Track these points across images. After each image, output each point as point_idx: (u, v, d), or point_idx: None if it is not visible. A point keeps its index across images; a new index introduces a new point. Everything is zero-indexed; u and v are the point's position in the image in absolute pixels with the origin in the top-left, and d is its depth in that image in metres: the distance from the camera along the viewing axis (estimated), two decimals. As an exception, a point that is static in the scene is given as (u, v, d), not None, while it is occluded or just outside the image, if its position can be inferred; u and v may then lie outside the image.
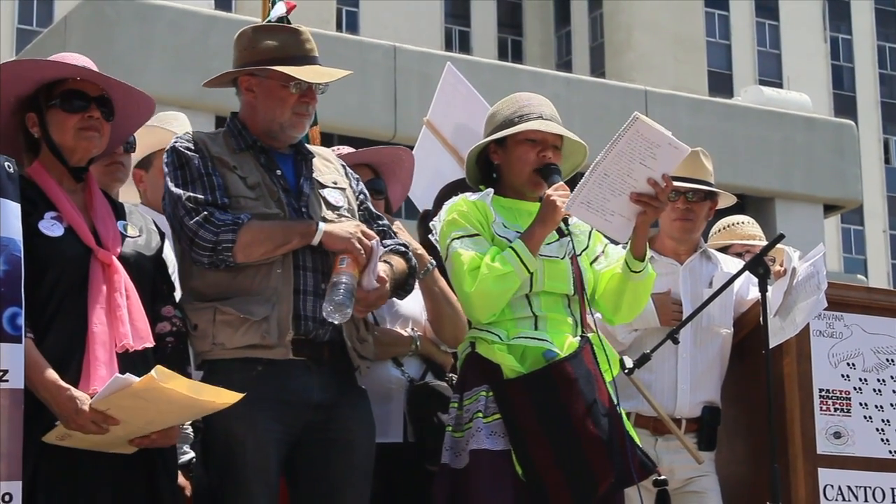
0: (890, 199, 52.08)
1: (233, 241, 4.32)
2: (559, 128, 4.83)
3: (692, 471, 5.58)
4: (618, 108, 29.94)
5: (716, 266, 5.83)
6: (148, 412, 3.95)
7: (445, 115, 6.03)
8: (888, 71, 53.66)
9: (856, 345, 5.74)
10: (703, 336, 5.68)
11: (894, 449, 5.71)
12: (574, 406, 4.50)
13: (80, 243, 4.10)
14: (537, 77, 29.74)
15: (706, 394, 5.67)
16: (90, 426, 3.89)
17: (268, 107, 4.56)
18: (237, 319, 4.35)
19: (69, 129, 4.20)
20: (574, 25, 51.43)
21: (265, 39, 4.60)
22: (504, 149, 4.85)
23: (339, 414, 4.47)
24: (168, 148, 4.53)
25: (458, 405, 4.68)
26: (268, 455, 4.34)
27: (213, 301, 4.39)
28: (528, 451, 4.51)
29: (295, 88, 4.53)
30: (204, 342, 4.40)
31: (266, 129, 4.57)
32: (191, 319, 4.42)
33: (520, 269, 4.59)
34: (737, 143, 30.47)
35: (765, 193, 30.38)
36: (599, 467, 4.49)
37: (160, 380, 3.81)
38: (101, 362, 3.98)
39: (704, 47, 49.33)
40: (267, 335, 4.34)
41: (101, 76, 4.26)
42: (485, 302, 4.62)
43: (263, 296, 4.37)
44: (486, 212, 4.75)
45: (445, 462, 4.64)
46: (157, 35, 24.42)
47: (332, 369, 4.48)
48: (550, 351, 4.62)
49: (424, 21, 47.79)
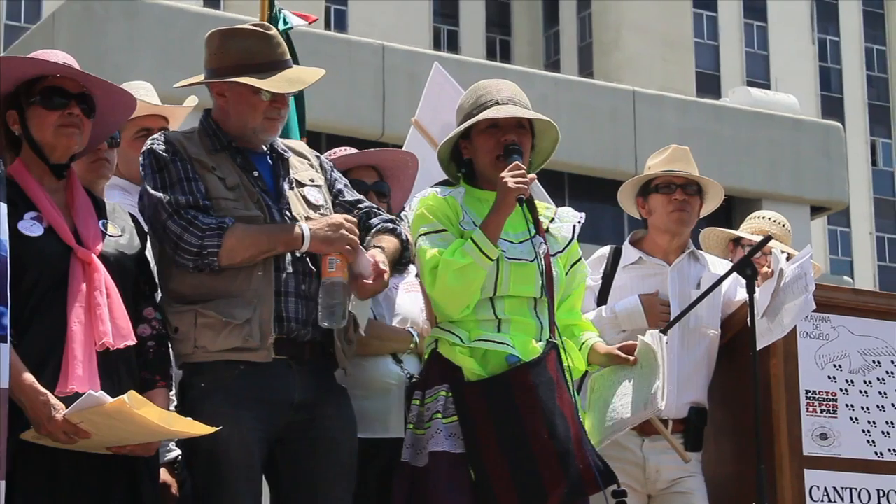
0: (876, 200, 52.18)
1: (218, 245, 4.31)
2: (515, 109, 4.73)
3: (678, 471, 5.58)
4: (606, 109, 29.97)
5: (704, 267, 5.83)
6: (119, 431, 3.95)
7: (433, 115, 6.03)
8: (875, 73, 53.76)
9: (842, 346, 5.74)
10: (691, 337, 5.69)
11: (880, 450, 5.72)
12: (531, 414, 4.45)
13: (59, 242, 4.09)
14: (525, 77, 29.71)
15: (693, 394, 5.67)
16: (60, 436, 3.89)
17: (239, 112, 4.53)
18: (219, 322, 4.33)
19: (49, 126, 4.18)
20: (562, 25, 51.45)
21: (234, 45, 4.54)
22: (470, 141, 4.80)
23: (321, 413, 4.47)
24: (144, 150, 4.50)
25: (420, 402, 4.65)
26: (252, 454, 4.34)
27: (194, 304, 4.37)
28: (481, 456, 4.47)
29: (266, 95, 4.49)
30: (185, 345, 4.38)
31: (239, 132, 4.55)
32: (171, 322, 4.40)
33: (480, 259, 4.52)
34: (724, 143, 30.50)
35: (752, 194, 30.39)
36: (550, 477, 4.43)
37: (132, 405, 3.80)
38: (79, 361, 3.96)
39: (692, 48, 49.40)
40: (249, 338, 4.33)
41: (82, 73, 4.24)
42: (448, 298, 4.58)
43: (244, 298, 4.36)
44: (455, 208, 4.69)
45: (406, 460, 4.61)
46: (145, 32, 24.39)
47: (313, 368, 4.48)
48: (513, 356, 4.56)
49: (413, 20, 47.78)
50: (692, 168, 5.81)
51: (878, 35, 54.08)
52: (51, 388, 3.92)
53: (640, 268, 5.80)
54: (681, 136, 24.99)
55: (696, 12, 50.04)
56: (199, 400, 4.35)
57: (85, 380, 3.93)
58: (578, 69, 48.29)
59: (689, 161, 5.82)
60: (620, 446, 5.51)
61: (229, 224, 4.34)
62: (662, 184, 5.78)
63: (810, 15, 52.62)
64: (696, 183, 5.79)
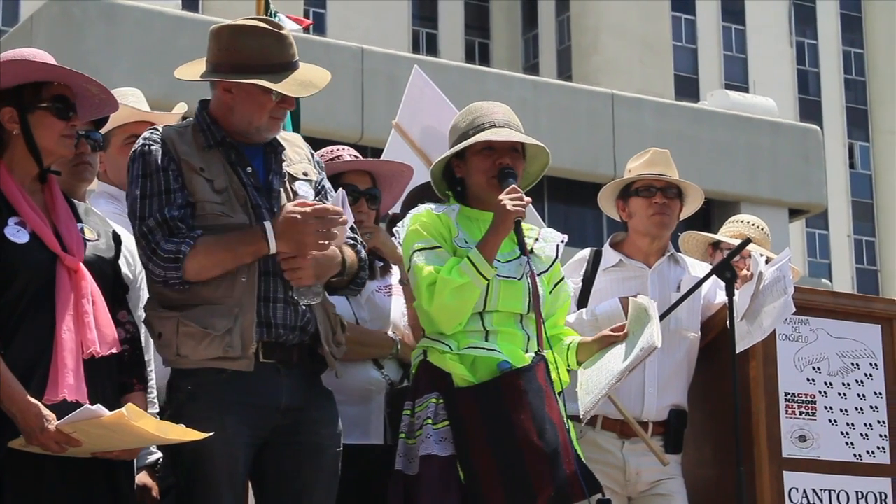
0: (854, 203, 52.35)
1: (178, 276, 4.29)
2: (512, 133, 4.78)
3: (658, 474, 5.59)
4: (584, 112, 30.01)
5: (684, 270, 5.84)
6: (112, 440, 3.95)
7: (413, 118, 6.03)
8: (853, 76, 53.94)
9: (821, 349, 5.76)
10: (671, 340, 5.69)
11: (859, 452, 5.74)
12: (521, 418, 4.48)
13: (45, 250, 4.06)
14: (504, 80, 29.76)
15: (673, 397, 5.68)
16: (52, 445, 3.88)
17: (245, 110, 4.47)
18: (199, 332, 4.31)
19: (55, 134, 4.15)
20: (541, 28, 51.50)
21: (247, 43, 4.46)
22: (464, 161, 4.82)
23: (307, 417, 4.46)
24: (135, 149, 4.46)
25: (410, 412, 4.67)
26: (236, 458, 4.33)
27: (177, 310, 4.34)
28: (472, 458, 4.49)
29: (276, 96, 4.46)
30: (168, 351, 4.37)
31: (240, 129, 4.49)
32: (155, 327, 4.38)
33: (476, 279, 4.56)
34: (703, 146, 30.57)
35: (730, 197, 30.48)
36: (539, 480, 4.45)
37: (130, 418, 3.81)
38: (69, 369, 3.95)
39: (671, 51, 49.48)
40: (230, 349, 4.30)
41: (88, 78, 4.21)
42: (445, 315, 4.60)
43: (226, 306, 4.33)
44: (449, 225, 4.72)
45: (399, 468, 4.63)
46: (123, 35, 24.34)
47: (301, 372, 4.47)
48: (505, 362, 4.59)
49: (392, 23, 47.77)
50: (672, 171, 5.82)
51: (855, 38, 54.26)
52: (38, 395, 3.91)
53: (620, 270, 5.81)
54: (659, 139, 25.02)
55: (675, 15, 50.12)
56: (184, 403, 4.33)
57: (74, 387, 3.92)
58: (557, 72, 48.34)
59: (670, 164, 5.83)
60: (601, 448, 5.52)
61: (186, 251, 4.28)
62: (642, 187, 5.79)
63: (788, 18, 52.76)
64: (676, 186, 5.80)
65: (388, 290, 5.25)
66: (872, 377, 5.84)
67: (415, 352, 4.82)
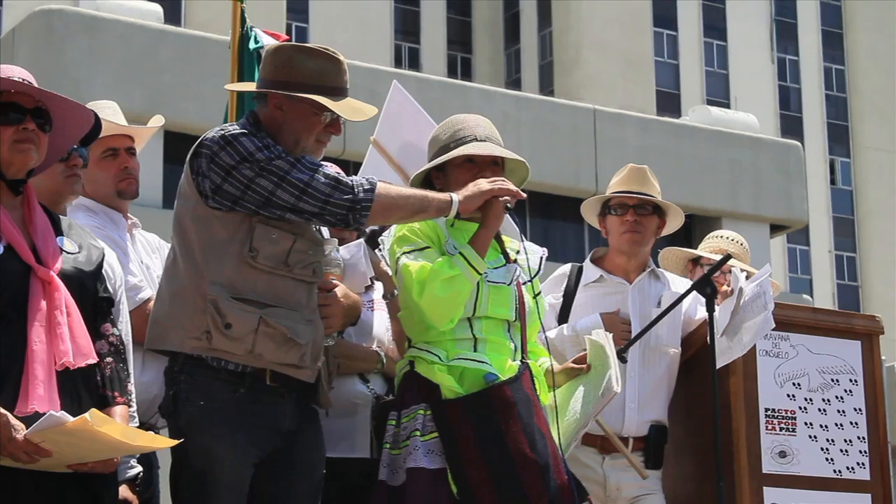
0: (835, 219, 52.45)
1: (370, 200, 4.35)
2: (493, 148, 4.80)
3: (639, 489, 5.59)
4: (566, 127, 30.01)
5: (664, 286, 5.85)
6: (81, 448, 3.92)
7: (391, 133, 6.01)
8: (834, 92, 54.08)
9: (801, 365, 5.78)
10: (651, 355, 5.70)
11: (839, 468, 5.75)
12: (512, 429, 4.50)
13: (19, 261, 4.04)
14: (486, 94, 29.75)
15: (654, 413, 5.69)
16: (22, 456, 3.85)
17: (294, 129, 4.51)
18: (283, 338, 4.34)
19: (5, 142, 4.12)
20: (523, 44, 51.55)
21: (308, 63, 4.51)
22: (444, 174, 4.84)
23: (300, 438, 4.51)
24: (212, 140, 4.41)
25: (395, 423, 4.67)
26: (242, 476, 4.36)
27: (254, 304, 4.33)
28: (464, 469, 4.50)
29: (326, 118, 4.51)
30: (237, 345, 4.33)
31: (286, 148, 4.48)
32: (224, 316, 4.33)
33: (468, 272, 4.57)
34: (684, 162, 30.59)
35: (712, 213, 30.48)
36: (533, 489, 4.47)
37: (94, 423, 3.77)
38: (40, 381, 3.92)
39: (653, 67, 49.58)
40: (305, 357, 4.38)
41: (37, 89, 4.19)
42: (436, 309, 4.59)
43: (303, 315, 4.40)
44: (437, 231, 4.74)
45: (383, 479, 4.63)
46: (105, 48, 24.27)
47: (298, 396, 4.51)
48: (491, 374, 4.60)
49: (374, 37, 47.78)
50: (649, 187, 5.82)
51: (836, 55, 54.41)
52: (10, 408, 3.89)
53: (601, 286, 5.82)
54: (641, 154, 25.04)
55: (657, 31, 50.23)
56: (197, 416, 4.35)
57: (45, 399, 3.89)
58: (539, 87, 48.38)
59: (646, 180, 5.83)
60: (581, 464, 5.52)
61: (375, 179, 4.38)
62: (616, 205, 5.82)
63: (769, 34, 52.90)
64: (651, 203, 5.81)
65: (372, 305, 5.25)
66: (852, 393, 5.85)
67: (401, 362, 4.82)
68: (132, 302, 4.79)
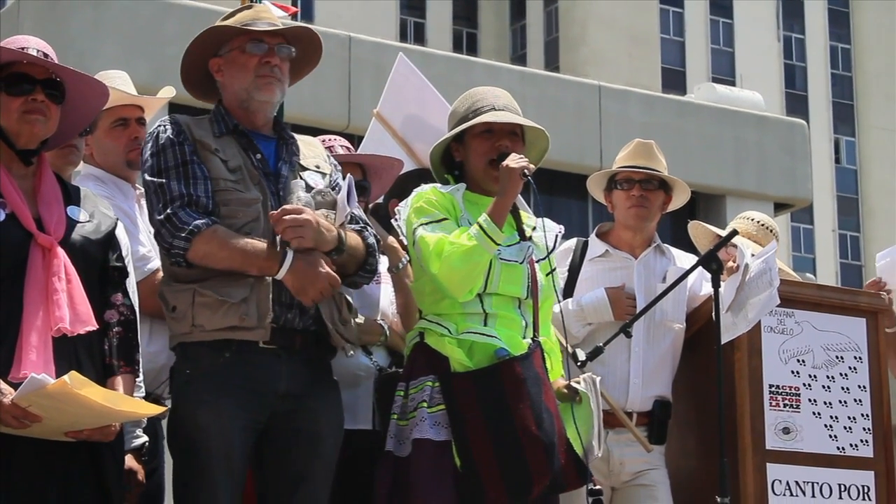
0: (839, 198, 52.41)
1: (184, 248, 4.34)
2: (512, 116, 4.83)
3: (642, 464, 5.60)
4: (571, 103, 29.97)
5: (670, 261, 5.85)
6: (68, 414, 3.92)
7: (396, 107, 6.00)
8: (840, 71, 53.99)
9: (806, 341, 5.77)
10: (656, 331, 5.70)
11: (842, 445, 5.75)
12: (519, 406, 4.50)
13: (20, 228, 4.07)
14: (492, 70, 29.68)
15: (658, 388, 5.69)
16: (10, 420, 3.86)
17: (233, 78, 4.57)
18: (215, 301, 4.34)
19: (13, 112, 4.15)
20: (529, 19, 51.45)
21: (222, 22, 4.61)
22: (463, 145, 4.86)
23: (305, 404, 4.47)
24: (150, 133, 4.54)
25: (403, 393, 4.68)
26: (231, 443, 4.34)
27: (192, 283, 4.38)
28: (469, 442, 4.51)
29: (252, 49, 4.53)
30: (183, 324, 4.40)
31: (239, 103, 4.56)
32: (169, 301, 4.43)
33: (485, 243, 4.57)
34: (689, 139, 30.54)
35: (716, 191, 30.44)
36: (537, 468, 4.49)
37: (73, 385, 3.77)
38: (33, 347, 3.94)
39: (658, 44, 49.47)
40: (246, 316, 4.34)
41: (48, 62, 4.21)
42: (454, 280, 4.59)
43: (237, 278, 4.36)
44: (454, 204, 4.75)
45: (389, 449, 4.64)
46: (110, 20, 24.22)
47: (304, 359, 4.48)
48: (503, 349, 4.60)
49: (380, 12, 47.68)
50: (655, 162, 5.81)
51: (842, 33, 54.30)
52: (4, 373, 3.90)
53: (606, 261, 5.81)
54: (646, 131, 24.99)
55: (663, 8, 50.12)
56: (182, 387, 4.39)
57: (39, 365, 3.90)
58: (544, 63, 48.30)
59: (652, 155, 5.82)
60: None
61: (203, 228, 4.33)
62: (622, 179, 5.81)
63: (776, 12, 52.79)
64: (657, 178, 5.80)
65: (377, 279, 5.26)
66: (857, 370, 5.85)
67: (411, 333, 4.83)
68: (140, 272, 4.80)
